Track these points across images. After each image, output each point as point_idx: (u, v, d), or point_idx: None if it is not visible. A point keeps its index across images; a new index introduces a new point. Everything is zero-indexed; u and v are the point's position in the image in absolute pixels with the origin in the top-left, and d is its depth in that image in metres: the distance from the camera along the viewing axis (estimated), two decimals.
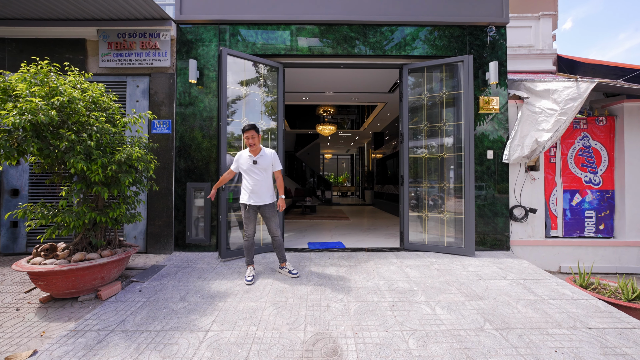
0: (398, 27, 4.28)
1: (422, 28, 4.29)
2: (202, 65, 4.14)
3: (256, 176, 3.11)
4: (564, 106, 3.77)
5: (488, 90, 4.27)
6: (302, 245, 4.61)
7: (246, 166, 3.10)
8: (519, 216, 4.31)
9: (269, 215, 3.19)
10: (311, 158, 15.31)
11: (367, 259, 3.89)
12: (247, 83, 4.09)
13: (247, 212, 3.15)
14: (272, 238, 3.28)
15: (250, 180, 3.12)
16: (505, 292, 2.90)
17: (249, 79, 4.11)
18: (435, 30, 4.30)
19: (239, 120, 3.99)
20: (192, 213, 4.08)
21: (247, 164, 3.11)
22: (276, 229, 3.24)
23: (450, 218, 4.17)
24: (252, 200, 3.12)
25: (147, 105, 4.11)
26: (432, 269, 3.51)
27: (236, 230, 4.03)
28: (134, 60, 3.99)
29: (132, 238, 4.08)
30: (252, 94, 4.12)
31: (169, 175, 4.07)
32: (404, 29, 4.28)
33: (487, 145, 4.26)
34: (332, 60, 4.36)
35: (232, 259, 3.80)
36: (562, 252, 4.34)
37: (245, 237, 3.23)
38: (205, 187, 4.07)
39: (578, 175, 4.45)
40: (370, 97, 7.78)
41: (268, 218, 3.20)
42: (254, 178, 3.11)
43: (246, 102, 4.08)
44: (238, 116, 4.00)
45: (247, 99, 4.09)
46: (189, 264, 3.66)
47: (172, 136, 4.09)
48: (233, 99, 4.01)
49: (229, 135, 3.89)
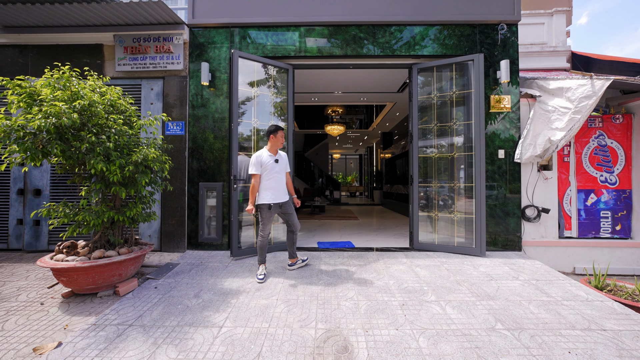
0: (407, 27, 4.28)
1: (432, 27, 4.28)
2: (213, 67, 4.23)
3: (278, 175, 3.26)
4: (578, 104, 3.70)
5: (499, 88, 4.22)
6: (312, 244, 4.66)
7: (270, 166, 3.20)
8: (531, 216, 4.25)
9: (290, 210, 3.39)
10: (320, 158, 15.36)
11: (376, 258, 3.90)
12: (257, 84, 4.16)
13: (268, 212, 3.22)
14: (293, 232, 3.47)
15: (273, 180, 3.22)
16: (517, 293, 2.87)
17: (259, 80, 4.18)
18: (445, 29, 4.28)
19: (249, 121, 4.07)
20: (205, 212, 4.17)
21: (270, 163, 3.21)
22: (298, 222, 3.48)
23: (461, 218, 4.15)
24: (276, 199, 3.23)
25: (161, 108, 4.23)
26: (443, 269, 3.51)
27: (248, 229, 4.11)
28: (149, 64, 4.11)
29: (147, 237, 4.21)
30: (262, 95, 4.19)
31: (182, 175, 4.17)
32: (413, 28, 4.28)
33: (499, 144, 4.21)
34: (341, 61, 4.39)
35: (243, 258, 3.87)
36: (577, 253, 4.25)
37: (261, 237, 3.30)
38: (217, 187, 4.16)
39: (593, 175, 4.36)
40: (379, 97, 7.77)
41: (290, 214, 3.39)
42: (276, 177, 3.25)
43: (256, 103, 4.15)
44: (248, 117, 4.07)
45: (257, 100, 4.16)
46: (202, 262, 3.75)
47: (185, 137, 4.19)
48: (243, 100, 4.09)
49: (239, 136, 3.96)
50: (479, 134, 3.93)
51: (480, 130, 3.92)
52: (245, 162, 3.91)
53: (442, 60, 4.20)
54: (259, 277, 3.15)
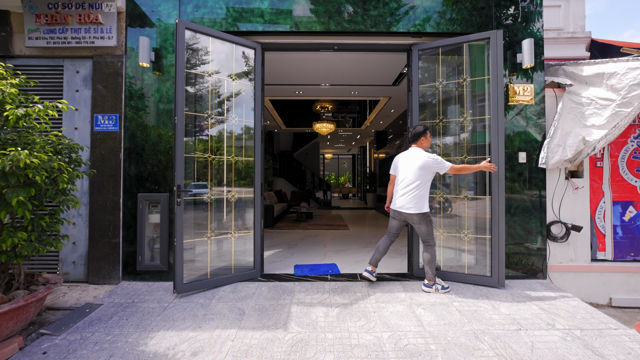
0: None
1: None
2: (158, 45, 3.30)
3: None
4: (627, 94, 2.86)
5: (519, 75, 3.38)
6: (287, 268, 3.76)
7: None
8: (557, 235, 3.43)
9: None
10: (310, 158, 14.45)
11: (366, 292, 3.03)
12: (215, 68, 3.23)
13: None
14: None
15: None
16: (560, 356, 2.03)
17: (218, 62, 3.26)
18: (453, 2, 3.41)
19: (203, 114, 3.14)
20: (145, 232, 3.24)
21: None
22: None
23: (472, 238, 3.30)
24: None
25: (90, 96, 3.27)
26: (452, 310, 2.65)
27: (202, 255, 3.18)
28: (71, 39, 3.15)
29: (71, 264, 3.25)
30: (221, 82, 3.26)
31: (116, 184, 3.23)
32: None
33: (519, 145, 3.38)
34: (323, 40, 3.49)
35: (191, 294, 2.95)
36: (613, 280, 3.45)
37: (434, 248, 3.00)
38: (162, 200, 3.23)
39: (632, 184, 3.55)
40: (372, 91, 6.90)
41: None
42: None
43: (213, 91, 3.23)
44: (204, 110, 3.15)
45: (214, 88, 3.23)
46: (134, 301, 2.82)
47: (120, 135, 3.24)
48: (197, 88, 3.16)
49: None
50: (496, 132, 3.08)
51: (499, 129, 3.07)
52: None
53: (449, 39, 3.33)
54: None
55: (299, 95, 7.26)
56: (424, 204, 2.85)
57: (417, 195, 2.84)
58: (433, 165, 2.82)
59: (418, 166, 2.84)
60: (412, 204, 2.86)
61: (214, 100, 3.26)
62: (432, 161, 2.82)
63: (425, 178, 2.85)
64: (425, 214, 2.87)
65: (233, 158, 3.34)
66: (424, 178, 2.84)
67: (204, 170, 3.17)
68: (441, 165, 2.83)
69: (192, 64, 3.22)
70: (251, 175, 3.41)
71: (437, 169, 2.85)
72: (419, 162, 2.84)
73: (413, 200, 2.85)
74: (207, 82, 3.19)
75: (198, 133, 3.25)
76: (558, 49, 4.91)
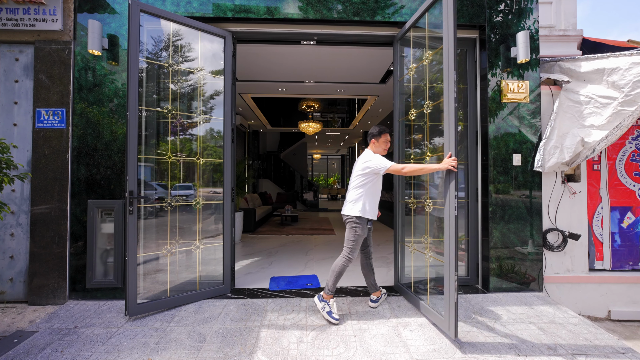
0: None
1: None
2: (114, 31, 2.90)
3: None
4: (631, 91, 2.63)
5: (514, 71, 3.13)
6: (263, 281, 3.40)
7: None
8: (554, 244, 3.19)
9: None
10: (297, 159, 14.07)
11: (347, 309, 2.71)
12: (177, 58, 2.86)
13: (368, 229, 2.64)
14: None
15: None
16: None
17: (181, 52, 2.88)
18: None
19: (161, 109, 2.76)
20: (97, 244, 2.82)
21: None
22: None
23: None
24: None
25: (32, 87, 2.85)
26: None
27: (160, 272, 2.80)
28: (6, 20, 2.72)
29: (7, 281, 2.81)
30: (187, 74, 2.89)
31: (62, 189, 2.81)
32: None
33: (513, 147, 3.12)
34: (301, 29, 3.15)
35: (146, 316, 2.56)
36: (612, 291, 3.22)
37: (348, 263, 2.59)
38: (117, 207, 2.83)
39: (630, 188, 3.35)
40: (359, 89, 6.60)
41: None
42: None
43: (177, 85, 2.85)
44: (163, 105, 2.77)
45: (178, 81, 2.86)
46: (78, 325, 2.41)
47: (67, 133, 2.83)
48: (157, 81, 2.78)
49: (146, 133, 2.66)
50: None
51: (450, 105, 2.78)
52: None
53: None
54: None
55: (282, 93, 6.90)
56: (357, 208, 2.52)
57: (354, 198, 2.55)
58: (370, 165, 2.49)
59: (360, 167, 2.56)
60: (347, 206, 2.59)
61: (178, 95, 2.88)
62: (370, 161, 2.50)
63: (365, 180, 2.54)
64: (353, 219, 2.54)
65: (199, 159, 2.97)
66: (364, 180, 2.54)
67: (164, 174, 2.79)
68: (380, 165, 2.46)
69: (152, 53, 2.84)
70: (221, 180, 3.04)
71: (376, 169, 2.48)
72: (361, 164, 2.56)
73: (350, 202, 2.57)
74: (169, 73, 2.81)
75: (161, 132, 2.87)
76: (550, 47, 4.70)
